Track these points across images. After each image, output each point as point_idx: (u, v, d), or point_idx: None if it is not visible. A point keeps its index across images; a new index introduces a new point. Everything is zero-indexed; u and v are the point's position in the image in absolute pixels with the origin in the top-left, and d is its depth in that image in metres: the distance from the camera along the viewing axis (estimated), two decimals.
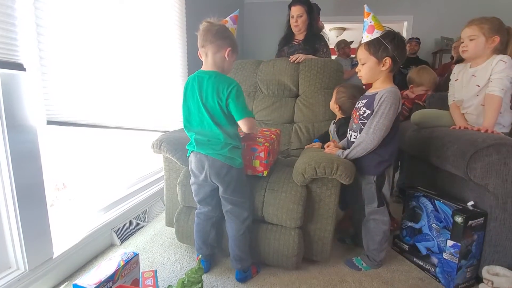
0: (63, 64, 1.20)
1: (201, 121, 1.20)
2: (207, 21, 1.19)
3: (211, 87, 1.17)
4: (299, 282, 1.31)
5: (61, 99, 1.20)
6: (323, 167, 1.23)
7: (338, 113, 1.64)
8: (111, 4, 1.48)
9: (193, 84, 1.21)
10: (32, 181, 1.14)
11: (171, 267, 1.41)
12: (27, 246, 1.13)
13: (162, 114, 1.98)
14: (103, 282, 0.94)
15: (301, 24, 2.05)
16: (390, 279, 1.34)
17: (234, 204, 1.26)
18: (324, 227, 1.35)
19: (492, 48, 1.46)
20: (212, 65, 1.21)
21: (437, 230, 1.34)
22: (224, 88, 1.16)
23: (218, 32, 1.18)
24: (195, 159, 1.25)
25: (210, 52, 1.19)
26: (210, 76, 1.19)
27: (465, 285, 1.28)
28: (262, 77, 1.98)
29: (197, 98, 1.19)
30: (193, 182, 1.31)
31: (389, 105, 1.21)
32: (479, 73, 1.50)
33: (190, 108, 1.23)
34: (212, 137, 1.20)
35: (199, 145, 1.22)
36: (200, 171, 1.24)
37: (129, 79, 1.64)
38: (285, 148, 1.86)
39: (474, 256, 1.26)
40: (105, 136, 1.70)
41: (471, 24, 1.50)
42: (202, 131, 1.21)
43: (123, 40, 1.58)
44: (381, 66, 1.24)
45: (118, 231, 1.59)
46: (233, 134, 1.24)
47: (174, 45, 2.10)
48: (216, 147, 1.20)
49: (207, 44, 1.18)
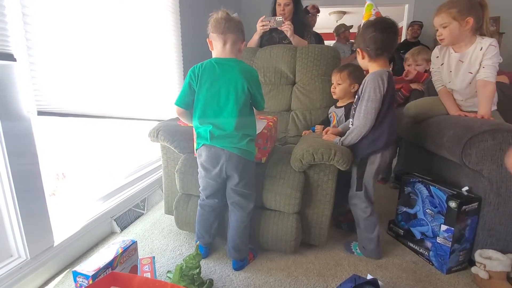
0: (53, 54, 1.18)
1: (221, 110, 1.17)
2: (224, 11, 1.19)
3: (240, 73, 1.16)
4: (295, 267, 1.34)
5: (52, 89, 1.19)
6: (321, 153, 1.24)
7: (352, 96, 1.61)
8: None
9: (212, 71, 1.17)
10: (29, 170, 1.15)
11: (170, 253, 1.44)
12: (27, 234, 1.15)
13: (157, 103, 1.97)
14: (102, 269, 0.97)
15: (287, 13, 2.08)
16: (384, 263, 1.37)
17: (243, 196, 1.26)
18: (322, 212, 1.38)
19: (469, 29, 1.40)
20: (230, 53, 1.21)
21: (431, 215, 1.35)
22: (252, 74, 1.19)
23: (240, 24, 1.21)
24: (208, 153, 1.20)
25: (230, 40, 1.19)
26: (235, 62, 1.19)
27: (458, 268, 1.31)
28: (259, 64, 1.96)
29: (221, 86, 1.16)
30: (202, 177, 1.28)
31: (372, 88, 1.23)
32: (468, 58, 1.44)
33: (206, 98, 1.17)
34: (231, 128, 1.17)
35: (215, 138, 1.17)
36: (213, 166, 1.21)
37: (123, 68, 1.63)
38: (282, 135, 1.87)
39: (467, 240, 1.28)
40: (104, 126, 1.70)
41: (439, 12, 1.44)
42: (220, 122, 1.17)
43: (116, 28, 1.55)
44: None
45: (118, 219, 1.62)
46: (251, 123, 1.24)
47: (168, 32, 2.06)
48: (234, 139, 1.17)
49: (229, 32, 1.18)
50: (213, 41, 1.22)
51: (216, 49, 1.22)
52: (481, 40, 1.41)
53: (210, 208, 1.33)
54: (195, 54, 1.26)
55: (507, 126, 1.21)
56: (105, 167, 1.75)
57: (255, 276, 1.28)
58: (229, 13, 1.19)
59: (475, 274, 1.22)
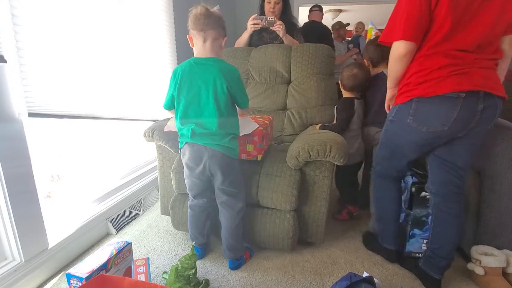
0: (44, 55, 1.17)
1: (202, 110, 1.16)
2: (204, 6, 1.15)
3: (219, 73, 1.14)
4: (292, 265, 1.34)
5: (44, 90, 1.18)
6: (317, 150, 1.25)
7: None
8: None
9: (191, 72, 1.15)
10: (21, 172, 1.14)
11: (166, 254, 1.43)
12: (21, 237, 1.14)
13: (151, 103, 1.96)
14: (96, 271, 0.96)
15: (277, 11, 2.05)
16: (380, 260, 1.37)
17: (230, 195, 1.26)
18: (318, 209, 1.38)
19: None
20: (210, 51, 1.17)
21: (405, 202, 1.36)
22: (232, 73, 1.17)
23: (219, 20, 1.17)
24: (191, 151, 1.20)
25: (210, 37, 1.15)
26: (215, 61, 1.16)
27: (420, 256, 1.29)
28: (254, 64, 1.96)
29: (201, 86, 1.14)
30: (187, 176, 1.28)
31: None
32: None
33: (187, 99, 1.16)
34: (213, 128, 1.16)
35: (196, 136, 1.17)
36: (197, 164, 1.21)
37: (116, 68, 1.61)
38: (278, 134, 1.86)
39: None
40: (98, 127, 1.69)
41: None
42: (202, 121, 1.16)
43: (109, 28, 1.54)
44: None
45: (113, 221, 1.61)
46: (234, 122, 1.23)
47: (162, 31, 2.05)
48: (216, 137, 1.17)
49: (208, 29, 1.14)
50: (193, 38, 1.19)
51: (197, 47, 1.19)
52: None
53: (200, 209, 1.33)
54: (189, 53, 1.24)
55: (501, 122, 1.22)
56: (100, 168, 1.74)
57: (252, 276, 1.28)
58: (209, 8, 1.15)
59: (471, 270, 1.22)
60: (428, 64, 1.01)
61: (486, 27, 0.95)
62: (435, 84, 1.00)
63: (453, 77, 0.98)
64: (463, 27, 0.96)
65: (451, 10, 0.94)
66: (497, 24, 0.96)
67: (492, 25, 0.96)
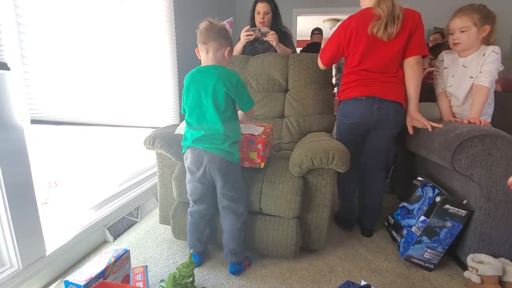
0: (47, 63, 1.19)
1: (203, 116, 1.21)
2: (208, 20, 1.23)
3: (218, 79, 1.19)
4: (290, 274, 1.34)
5: (46, 97, 1.20)
6: (320, 158, 1.27)
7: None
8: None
9: (194, 79, 1.22)
10: (21, 179, 1.14)
11: (164, 262, 1.43)
12: (19, 244, 1.14)
13: (152, 110, 1.98)
14: (94, 278, 0.96)
15: (267, 22, 2.11)
16: (377, 268, 1.38)
17: (231, 199, 1.28)
18: (320, 216, 1.39)
19: (483, 37, 1.44)
20: (212, 61, 1.24)
21: (423, 210, 1.38)
22: (231, 78, 1.20)
23: (221, 31, 1.24)
24: (192, 155, 1.24)
25: (211, 49, 1.23)
26: (215, 68, 1.22)
27: (419, 263, 1.34)
28: (252, 72, 1.98)
29: (201, 92, 1.20)
30: (189, 180, 1.30)
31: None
32: (471, 63, 1.48)
33: (191, 104, 1.23)
34: (213, 132, 1.21)
35: (197, 140, 1.22)
36: (197, 167, 1.24)
37: (118, 76, 1.63)
38: (276, 142, 1.88)
39: (439, 241, 1.30)
40: (97, 134, 1.70)
41: (461, 15, 1.45)
42: (203, 125, 1.22)
43: (111, 36, 1.57)
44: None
45: (111, 228, 1.61)
46: (235, 128, 1.26)
47: (163, 39, 2.08)
48: (216, 141, 1.21)
49: (209, 41, 1.21)
50: (200, 51, 1.27)
51: (202, 58, 1.28)
52: (485, 47, 1.45)
53: (199, 215, 1.34)
54: (189, 62, 1.28)
55: (496, 131, 1.24)
56: (98, 175, 1.74)
57: (250, 284, 1.27)
58: (212, 21, 1.23)
59: (468, 279, 1.23)
60: (348, 79, 1.54)
61: (380, 58, 1.43)
62: (349, 91, 1.52)
63: (359, 87, 1.48)
64: (367, 57, 1.45)
65: (357, 48, 1.45)
66: (387, 56, 1.42)
67: (384, 57, 1.43)
